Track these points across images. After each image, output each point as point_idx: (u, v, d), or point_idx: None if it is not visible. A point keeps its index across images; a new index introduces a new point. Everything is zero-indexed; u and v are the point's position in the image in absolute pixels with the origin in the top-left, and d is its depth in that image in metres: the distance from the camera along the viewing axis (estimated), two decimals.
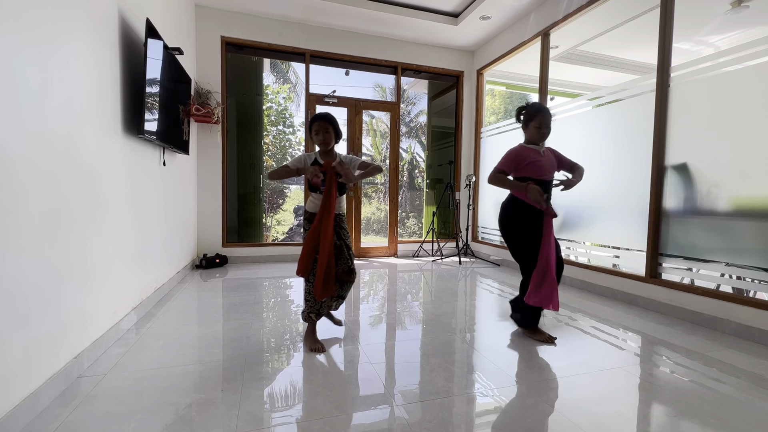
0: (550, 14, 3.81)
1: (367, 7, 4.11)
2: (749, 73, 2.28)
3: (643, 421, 1.39)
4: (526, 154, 2.16)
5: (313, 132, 2.01)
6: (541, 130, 2.16)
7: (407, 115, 10.73)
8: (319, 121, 2.00)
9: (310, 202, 2.09)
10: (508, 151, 2.21)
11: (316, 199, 2.03)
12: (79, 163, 1.70)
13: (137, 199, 2.43)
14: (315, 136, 2.01)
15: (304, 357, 1.90)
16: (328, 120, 2.01)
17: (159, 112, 2.51)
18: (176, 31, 3.35)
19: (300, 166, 1.98)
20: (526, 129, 2.22)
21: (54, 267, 1.50)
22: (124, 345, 1.99)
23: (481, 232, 5.24)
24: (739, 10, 3.30)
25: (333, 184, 1.94)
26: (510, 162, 2.17)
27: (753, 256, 2.25)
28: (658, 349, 2.07)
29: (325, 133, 1.99)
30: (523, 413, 1.43)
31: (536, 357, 1.95)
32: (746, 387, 1.65)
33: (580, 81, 5.66)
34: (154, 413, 1.38)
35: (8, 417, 1.21)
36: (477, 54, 5.17)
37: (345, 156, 2.08)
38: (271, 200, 7.66)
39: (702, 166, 2.53)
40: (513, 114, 4.12)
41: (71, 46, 1.65)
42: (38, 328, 1.39)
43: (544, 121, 2.16)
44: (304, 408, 1.44)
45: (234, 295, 2.99)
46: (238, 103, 4.56)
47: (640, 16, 3.55)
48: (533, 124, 2.17)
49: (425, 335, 2.22)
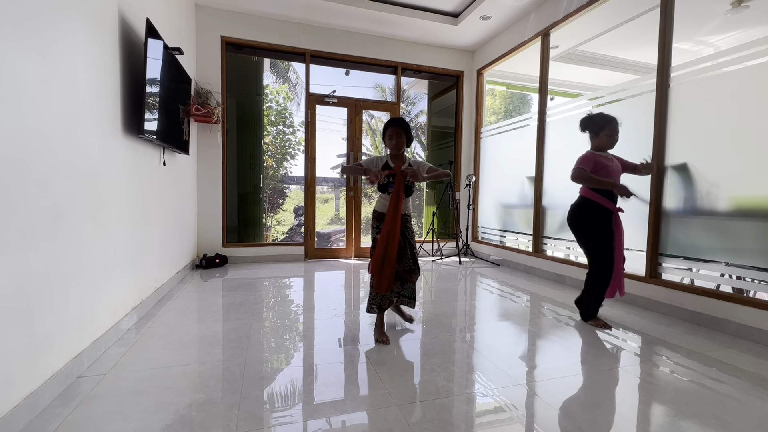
0: (550, 14, 3.81)
1: (367, 7, 4.11)
2: (749, 73, 2.28)
3: (643, 421, 1.39)
4: (598, 160, 2.37)
5: (386, 136, 2.15)
6: (612, 137, 2.38)
7: (407, 115, 10.72)
8: (393, 126, 2.13)
9: (379, 202, 2.23)
10: (582, 156, 2.42)
11: (385, 199, 2.18)
12: (79, 163, 1.70)
13: (137, 198, 2.43)
14: (388, 140, 2.15)
15: (304, 357, 1.90)
16: (402, 125, 2.14)
17: (159, 111, 2.51)
18: (176, 31, 3.35)
19: (371, 167, 2.11)
20: (597, 137, 2.42)
21: (54, 267, 1.50)
22: (124, 345, 1.99)
23: (481, 232, 5.24)
24: (739, 10, 3.30)
25: (401, 187, 2.08)
26: (587, 165, 2.37)
27: (753, 256, 2.25)
28: (658, 349, 2.07)
29: (398, 138, 2.12)
30: (523, 413, 1.43)
31: (536, 357, 1.95)
32: (746, 387, 1.65)
33: (580, 81, 5.66)
34: (154, 413, 1.38)
35: (8, 417, 1.21)
36: (477, 54, 5.17)
37: (414, 160, 2.19)
38: (271, 200, 7.66)
39: (702, 166, 2.53)
40: (513, 115, 4.12)
41: (71, 45, 1.65)
42: (38, 327, 1.39)
43: (615, 129, 2.37)
44: (304, 408, 1.44)
45: (234, 295, 2.99)
46: (238, 103, 4.56)
47: (640, 16, 3.54)
48: (605, 133, 2.38)
49: (425, 335, 2.22)
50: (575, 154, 3.52)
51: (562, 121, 3.74)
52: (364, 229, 5.05)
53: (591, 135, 2.45)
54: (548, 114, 3.93)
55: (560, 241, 3.80)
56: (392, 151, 2.16)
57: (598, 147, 2.42)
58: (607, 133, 2.37)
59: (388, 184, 2.13)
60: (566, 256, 3.75)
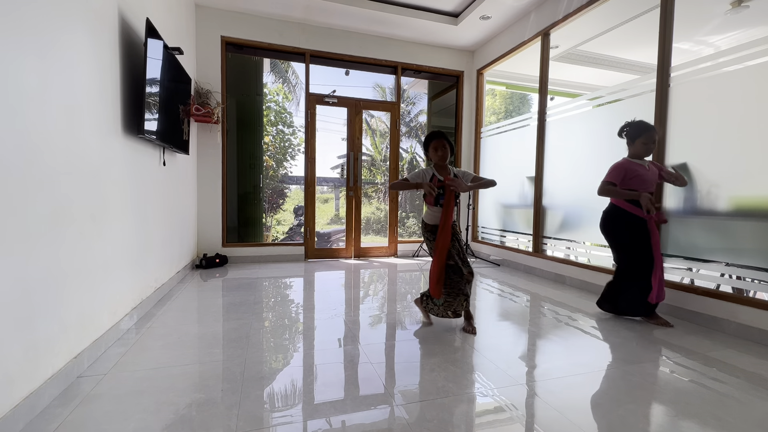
0: (550, 14, 3.81)
1: (367, 7, 4.11)
2: (749, 73, 2.28)
3: (643, 421, 1.39)
4: (632, 168, 2.38)
5: (431, 148, 2.26)
6: (648, 146, 2.38)
7: (407, 115, 10.73)
8: (437, 139, 2.23)
9: (429, 215, 2.33)
10: (614, 165, 2.45)
11: (436, 211, 2.29)
12: (78, 163, 1.70)
13: (137, 198, 2.43)
14: (434, 152, 2.25)
15: (304, 357, 1.90)
16: (446, 138, 2.24)
17: (159, 111, 2.51)
18: (176, 30, 3.35)
19: (419, 180, 2.24)
20: (632, 145, 2.43)
21: (54, 267, 1.50)
22: (124, 345, 1.99)
23: (481, 232, 5.24)
24: (739, 10, 3.30)
25: (452, 198, 2.20)
26: (618, 174, 2.39)
27: (753, 256, 2.25)
28: (658, 349, 2.06)
29: (443, 150, 2.23)
30: (523, 413, 1.43)
31: (536, 357, 1.95)
32: (746, 387, 1.65)
33: (580, 81, 5.66)
34: (154, 413, 1.38)
35: (8, 417, 1.21)
36: (477, 54, 5.17)
37: (458, 170, 2.30)
38: (271, 200, 7.66)
39: (702, 166, 2.53)
40: (512, 115, 4.14)
41: (71, 46, 1.65)
42: (38, 327, 1.39)
43: (651, 137, 2.36)
44: (304, 408, 1.44)
45: (234, 295, 2.99)
46: (238, 103, 4.56)
47: (640, 16, 3.54)
48: (641, 141, 2.38)
49: (425, 335, 2.22)
50: (575, 154, 3.55)
51: (562, 121, 3.74)
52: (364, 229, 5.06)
53: (627, 141, 2.46)
54: (548, 114, 3.93)
55: (560, 241, 3.80)
56: (438, 162, 2.26)
57: (633, 154, 2.44)
58: (642, 140, 2.37)
59: (439, 196, 2.23)
60: (566, 256, 3.75)
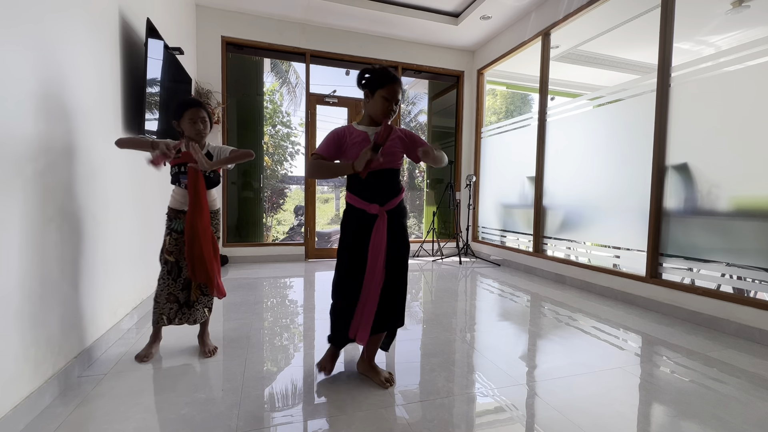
0: (551, 14, 3.81)
1: (368, 7, 4.11)
2: (750, 73, 2.28)
3: (643, 421, 1.39)
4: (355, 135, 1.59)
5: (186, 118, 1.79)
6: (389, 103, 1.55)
7: (407, 115, 10.72)
8: (195, 107, 1.78)
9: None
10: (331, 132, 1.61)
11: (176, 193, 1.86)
12: (79, 163, 1.70)
13: (138, 198, 2.44)
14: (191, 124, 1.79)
15: (304, 357, 1.90)
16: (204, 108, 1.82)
17: (159, 111, 2.51)
18: (177, 31, 3.35)
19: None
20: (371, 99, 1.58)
21: (54, 266, 1.50)
22: (125, 345, 1.99)
23: (482, 232, 5.23)
24: (740, 10, 3.29)
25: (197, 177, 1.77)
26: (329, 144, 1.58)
27: (754, 256, 2.25)
28: (658, 349, 2.06)
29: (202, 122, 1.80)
30: (523, 413, 1.43)
31: (536, 357, 1.95)
32: (747, 387, 1.65)
33: (581, 81, 5.65)
34: (155, 413, 1.38)
35: (9, 416, 1.21)
36: (477, 54, 5.17)
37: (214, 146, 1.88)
38: (272, 200, 7.66)
39: (703, 166, 2.53)
40: (513, 114, 4.06)
41: (72, 46, 1.65)
42: (38, 327, 1.39)
43: (394, 92, 1.53)
44: (304, 408, 1.44)
45: (234, 295, 2.99)
46: (238, 103, 4.56)
47: (640, 16, 3.54)
48: (381, 93, 1.53)
49: (425, 335, 2.22)
50: (576, 154, 3.55)
51: (563, 121, 3.74)
52: None
53: (365, 94, 1.59)
54: (549, 114, 3.93)
55: (561, 241, 3.80)
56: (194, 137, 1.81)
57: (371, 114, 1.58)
58: (384, 94, 1.52)
59: (178, 173, 1.82)
60: (567, 256, 3.75)
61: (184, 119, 1.79)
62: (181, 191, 1.84)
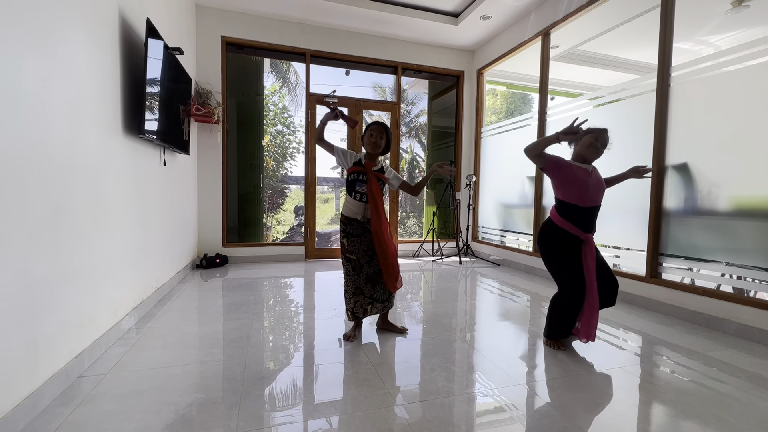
0: (551, 14, 3.81)
1: (368, 7, 4.11)
2: (750, 73, 2.28)
3: (643, 421, 1.39)
4: (571, 169, 2.17)
5: (366, 134, 2.13)
6: (596, 147, 2.12)
7: (407, 115, 10.72)
8: (376, 125, 2.11)
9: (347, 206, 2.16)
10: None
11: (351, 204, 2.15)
12: (79, 163, 1.70)
13: (138, 198, 2.43)
14: (368, 138, 2.11)
15: (305, 357, 1.90)
16: (386, 128, 2.13)
17: (159, 111, 2.51)
18: (176, 31, 3.35)
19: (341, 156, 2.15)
20: (577, 143, 2.21)
21: (54, 267, 1.50)
22: (125, 345, 1.99)
23: (482, 232, 5.23)
24: (740, 9, 3.29)
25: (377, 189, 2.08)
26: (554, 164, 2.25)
27: (754, 256, 2.25)
28: (658, 349, 2.06)
29: (378, 137, 2.10)
30: (523, 413, 1.43)
31: (536, 357, 1.95)
32: (747, 387, 1.65)
33: (581, 81, 5.65)
34: (155, 413, 1.38)
35: (9, 416, 1.21)
36: (477, 54, 5.17)
37: (388, 168, 2.20)
38: (272, 200, 7.66)
39: (702, 166, 2.53)
40: (514, 114, 4.10)
41: (72, 46, 1.65)
42: (39, 327, 1.39)
43: (603, 140, 2.12)
44: (304, 408, 1.44)
45: (234, 295, 2.99)
46: (238, 103, 4.56)
47: (640, 15, 3.54)
48: (589, 139, 2.12)
49: (425, 335, 2.22)
50: None
51: (563, 120, 3.74)
52: None
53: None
54: (549, 114, 3.93)
55: None
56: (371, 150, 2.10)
57: (577, 156, 2.18)
58: (590, 140, 2.13)
59: (354, 182, 2.07)
60: None
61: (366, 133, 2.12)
62: (354, 202, 2.09)
